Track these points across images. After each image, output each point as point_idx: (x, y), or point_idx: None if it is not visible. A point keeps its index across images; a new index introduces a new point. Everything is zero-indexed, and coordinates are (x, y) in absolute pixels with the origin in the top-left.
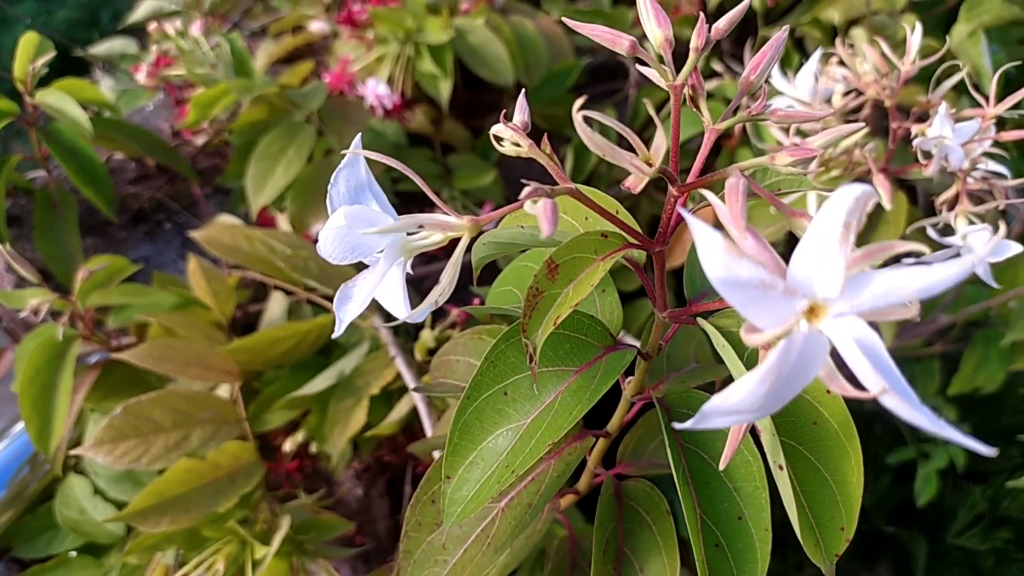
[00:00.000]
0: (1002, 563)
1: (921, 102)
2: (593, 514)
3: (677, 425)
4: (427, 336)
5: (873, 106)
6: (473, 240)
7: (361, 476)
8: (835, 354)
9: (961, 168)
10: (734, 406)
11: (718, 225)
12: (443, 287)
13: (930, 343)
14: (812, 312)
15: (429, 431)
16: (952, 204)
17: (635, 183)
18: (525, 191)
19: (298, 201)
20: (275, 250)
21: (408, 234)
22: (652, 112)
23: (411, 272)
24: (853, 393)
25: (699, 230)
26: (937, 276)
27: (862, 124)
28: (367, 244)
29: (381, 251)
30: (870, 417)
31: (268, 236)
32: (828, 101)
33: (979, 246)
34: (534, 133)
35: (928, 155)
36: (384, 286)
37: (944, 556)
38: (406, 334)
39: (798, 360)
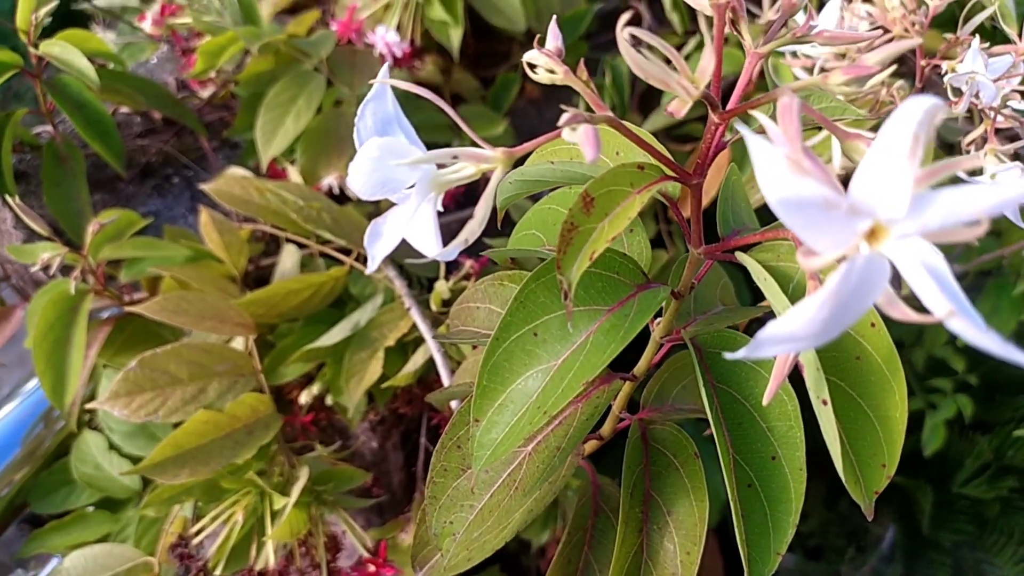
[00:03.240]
0: (1007, 511)
1: (942, 48)
2: (608, 464)
3: (729, 355)
4: (442, 287)
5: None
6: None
7: (376, 428)
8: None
9: (992, 105)
10: (791, 333)
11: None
12: (476, 222)
13: None
14: (872, 235)
15: (446, 382)
16: (980, 144)
17: (679, 107)
18: (564, 117)
19: (309, 152)
20: (287, 201)
21: (439, 168)
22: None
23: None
24: (915, 318)
25: (758, 147)
26: (1011, 192)
27: (915, 37)
28: (397, 179)
29: (411, 187)
30: None
31: (279, 187)
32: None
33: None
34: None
35: (958, 92)
36: (414, 223)
37: (950, 505)
38: (420, 286)
39: (858, 284)
